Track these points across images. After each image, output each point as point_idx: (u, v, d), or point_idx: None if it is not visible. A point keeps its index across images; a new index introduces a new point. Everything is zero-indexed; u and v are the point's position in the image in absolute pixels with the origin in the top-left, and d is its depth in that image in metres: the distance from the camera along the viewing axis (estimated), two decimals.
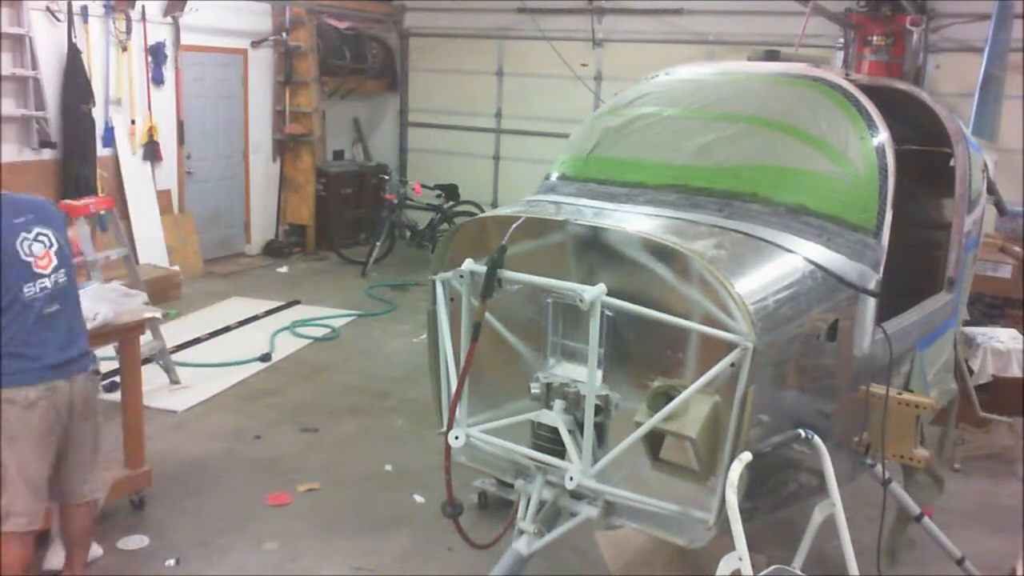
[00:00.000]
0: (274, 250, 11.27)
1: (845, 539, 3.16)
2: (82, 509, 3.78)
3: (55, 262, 3.60)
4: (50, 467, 3.58)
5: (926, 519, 4.00)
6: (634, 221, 3.33)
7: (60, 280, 3.62)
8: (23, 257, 3.50)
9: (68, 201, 6.48)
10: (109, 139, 8.97)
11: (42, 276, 3.55)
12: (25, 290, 3.49)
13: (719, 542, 3.03)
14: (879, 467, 3.58)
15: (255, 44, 10.78)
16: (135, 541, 4.46)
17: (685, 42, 10.73)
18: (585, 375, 3.08)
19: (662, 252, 3.02)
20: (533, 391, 3.31)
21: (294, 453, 5.61)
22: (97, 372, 3.93)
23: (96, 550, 4.27)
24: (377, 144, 13.08)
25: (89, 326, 4.28)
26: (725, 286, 2.88)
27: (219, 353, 7.38)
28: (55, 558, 4.13)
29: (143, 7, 9.09)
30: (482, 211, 10.48)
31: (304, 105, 11.25)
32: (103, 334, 4.48)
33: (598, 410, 3.12)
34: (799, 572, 3.10)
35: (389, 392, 6.75)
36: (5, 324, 3.45)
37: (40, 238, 3.58)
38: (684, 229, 3.25)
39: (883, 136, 3.64)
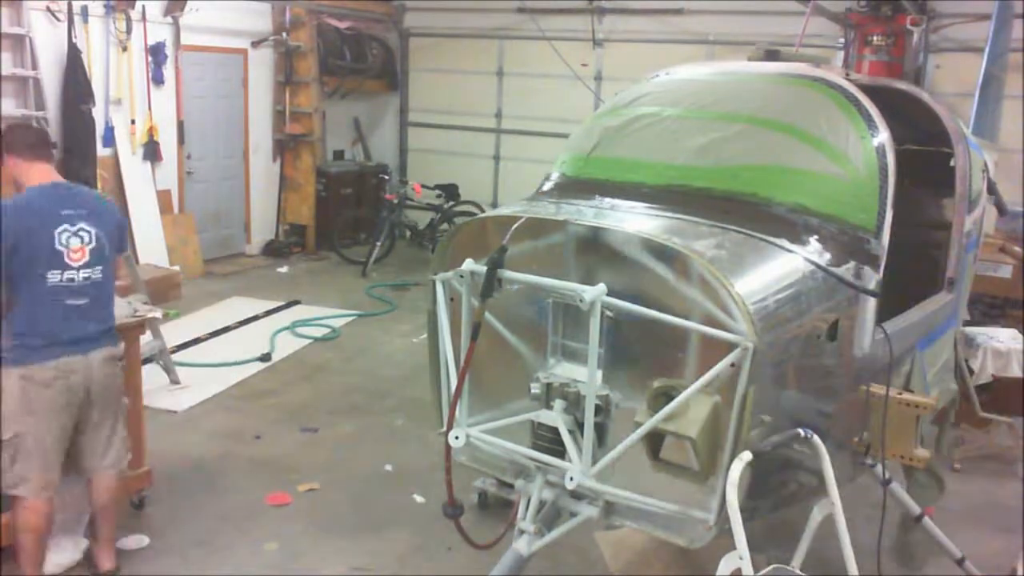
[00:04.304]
0: (274, 250, 11.27)
1: (844, 539, 3.16)
2: (102, 475, 4.01)
3: (87, 259, 3.79)
4: (66, 441, 3.84)
5: (926, 519, 4.00)
6: (634, 221, 3.33)
7: (92, 277, 3.81)
8: (56, 246, 3.70)
9: None
10: (109, 139, 8.97)
11: (70, 268, 3.74)
12: (49, 276, 3.69)
13: (719, 542, 3.03)
14: (879, 467, 3.58)
15: (255, 44, 10.78)
16: (135, 541, 4.45)
17: (685, 42, 10.73)
18: (585, 375, 3.08)
19: (662, 252, 3.02)
20: (533, 391, 3.30)
21: (294, 453, 5.61)
22: (120, 357, 4.08)
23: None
24: (377, 144, 13.08)
25: None
26: (725, 286, 2.88)
27: (219, 353, 7.38)
28: (54, 558, 4.13)
29: (143, 7, 9.09)
30: (482, 211, 10.49)
31: (304, 105, 11.25)
32: None
33: (598, 410, 3.11)
34: (799, 572, 3.10)
35: (389, 392, 6.75)
36: (24, 305, 3.69)
37: (81, 233, 3.77)
38: (684, 229, 3.25)
39: (883, 136, 3.64)
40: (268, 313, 8.65)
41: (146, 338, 5.79)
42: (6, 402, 3.71)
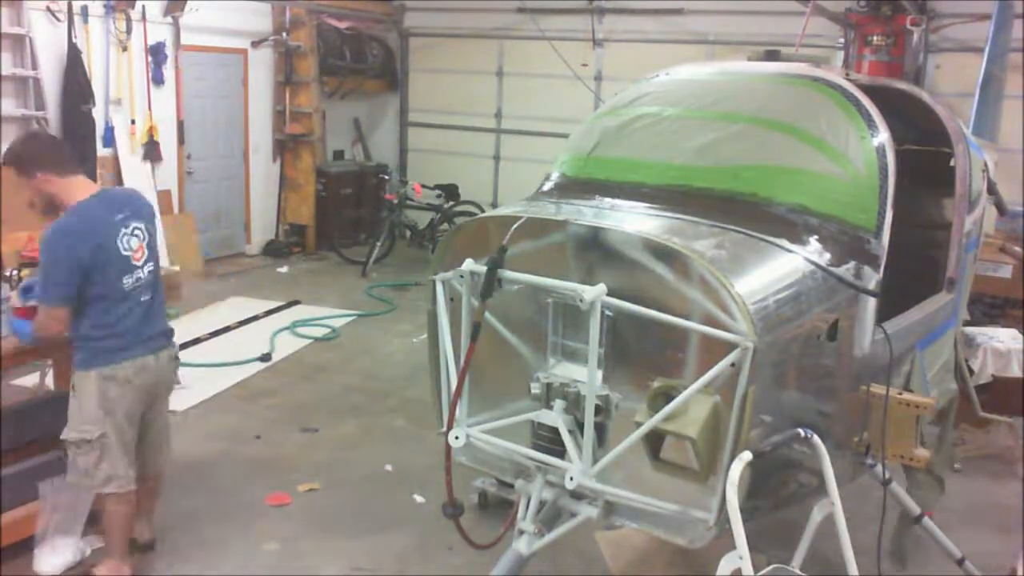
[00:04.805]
0: (274, 250, 11.27)
1: (844, 539, 3.16)
2: (151, 482, 4.25)
3: (146, 255, 3.89)
4: (136, 436, 4.00)
5: (926, 519, 4.00)
6: (634, 221, 3.33)
7: (151, 270, 3.92)
8: (123, 252, 3.77)
9: None
10: (109, 139, 8.97)
11: (137, 268, 3.84)
12: (124, 282, 3.78)
13: (719, 542, 3.03)
14: (879, 467, 3.58)
15: (255, 44, 10.78)
16: None
17: (685, 42, 10.74)
18: (585, 375, 3.08)
19: (662, 252, 3.02)
20: (533, 391, 3.31)
21: (294, 453, 5.61)
22: (176, 357, 4.23)
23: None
24: (377, 144, 13.09)
25: None
26: (725, 286, 2.88)
27: (219, 353, 7.38)
28: (51, 559, 4.13)
29: (143, 7, 9.09)
30: (482, 211, 10.49)
31: (304, 105, 11.25)
32: None
33: (598, 410, 3.11)
34: (799, 572, 3.10)
35: (389, 392, 6.75)
36: (98, 310, 3.75)
37: (136, 232, 3.85)
38: (684, 229, 3.25)
39: (883, 136, 3.64)
40: (268, 313, 8.64)
41: None
42: (85, 405, 3.79)
